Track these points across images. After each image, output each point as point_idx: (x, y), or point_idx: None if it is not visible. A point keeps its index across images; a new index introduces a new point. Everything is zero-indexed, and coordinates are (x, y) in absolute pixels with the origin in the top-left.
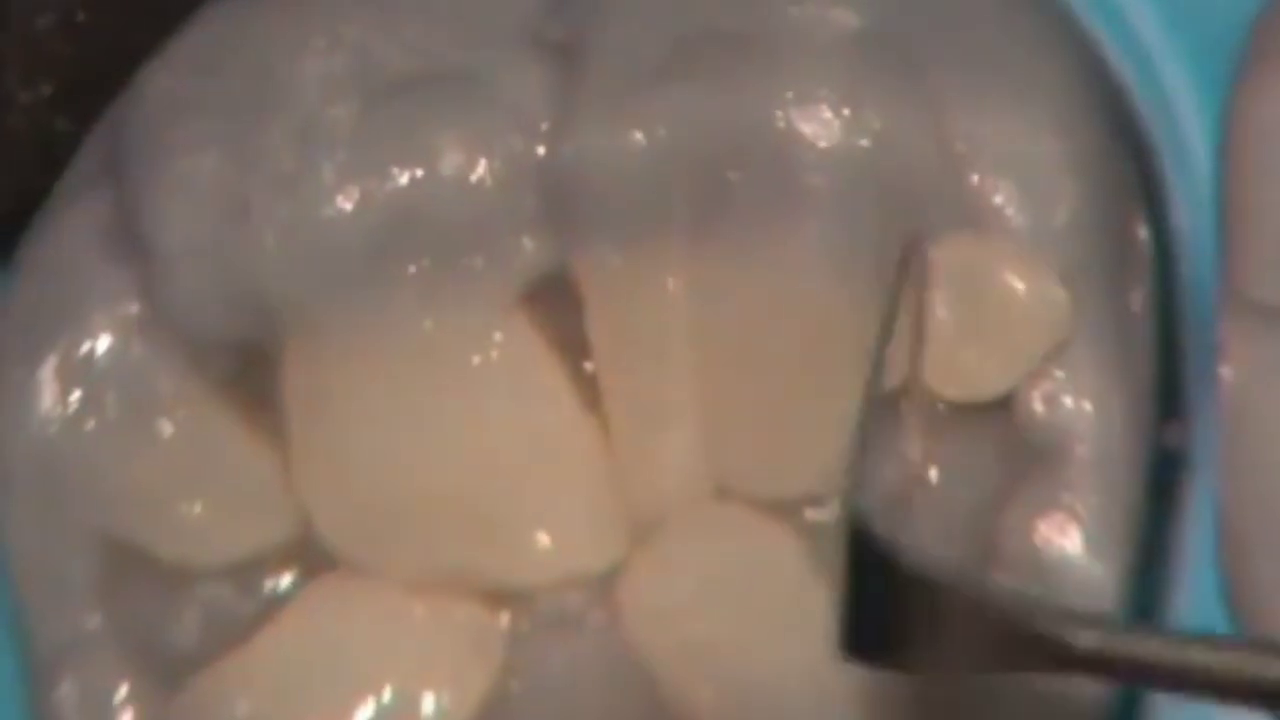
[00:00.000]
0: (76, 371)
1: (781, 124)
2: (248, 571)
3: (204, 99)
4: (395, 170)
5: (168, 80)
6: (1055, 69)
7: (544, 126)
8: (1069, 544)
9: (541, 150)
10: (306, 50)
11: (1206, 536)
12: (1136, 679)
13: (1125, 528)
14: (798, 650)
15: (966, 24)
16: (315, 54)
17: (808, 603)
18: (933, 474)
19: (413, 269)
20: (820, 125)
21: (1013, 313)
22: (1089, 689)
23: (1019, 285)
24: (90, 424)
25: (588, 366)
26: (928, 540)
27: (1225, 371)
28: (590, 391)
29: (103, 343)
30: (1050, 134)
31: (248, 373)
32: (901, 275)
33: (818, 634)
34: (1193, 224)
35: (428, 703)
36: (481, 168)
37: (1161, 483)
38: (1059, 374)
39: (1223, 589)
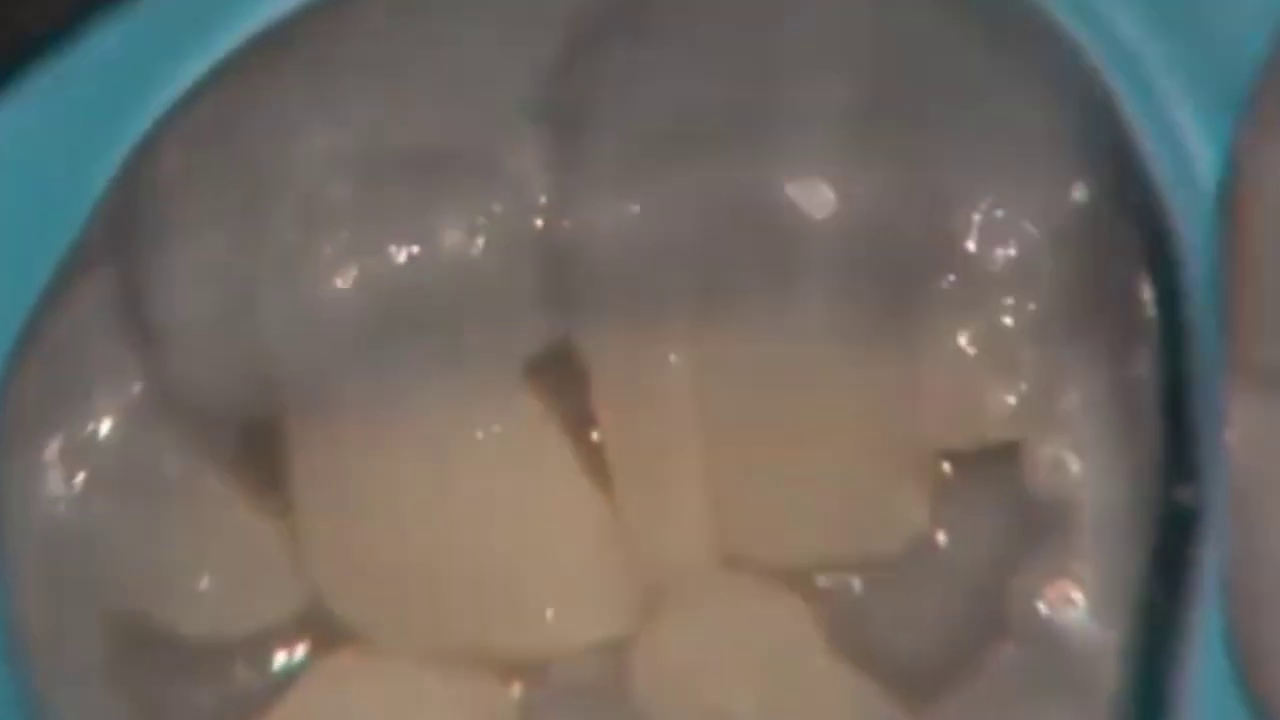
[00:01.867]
0: (82, 452)
1: (779, 197)
2: (259, 647)
3: (208, 176)
4: (394, 248)
5: (173, 156)
6: (1058, 132)
7: (542, 201)
8: (1074, 610)
9: (540, 224)
10: (309, 127)
11: (1217, 606)
12: None
13: (1131, 592)
14: (822, 713)
15: (968, 85)
16: (317, 131)
17: (820, 670)
18: (940, 537)
19: (415, 346)
20: (817, 198)
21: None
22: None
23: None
24: (97, 504)
25: (594, 437)
26: (935, 605)
27: (1230, 435)
28: (597, 462)
29: (107, 423)
30: (1048, 196)
31: (254, 450)
32: None
33: (831, 702)
34: (1201, 282)
35: None
36: (480, 244)
37: (1174, 543)
38: (1063, 439)
39: (1230, 649)
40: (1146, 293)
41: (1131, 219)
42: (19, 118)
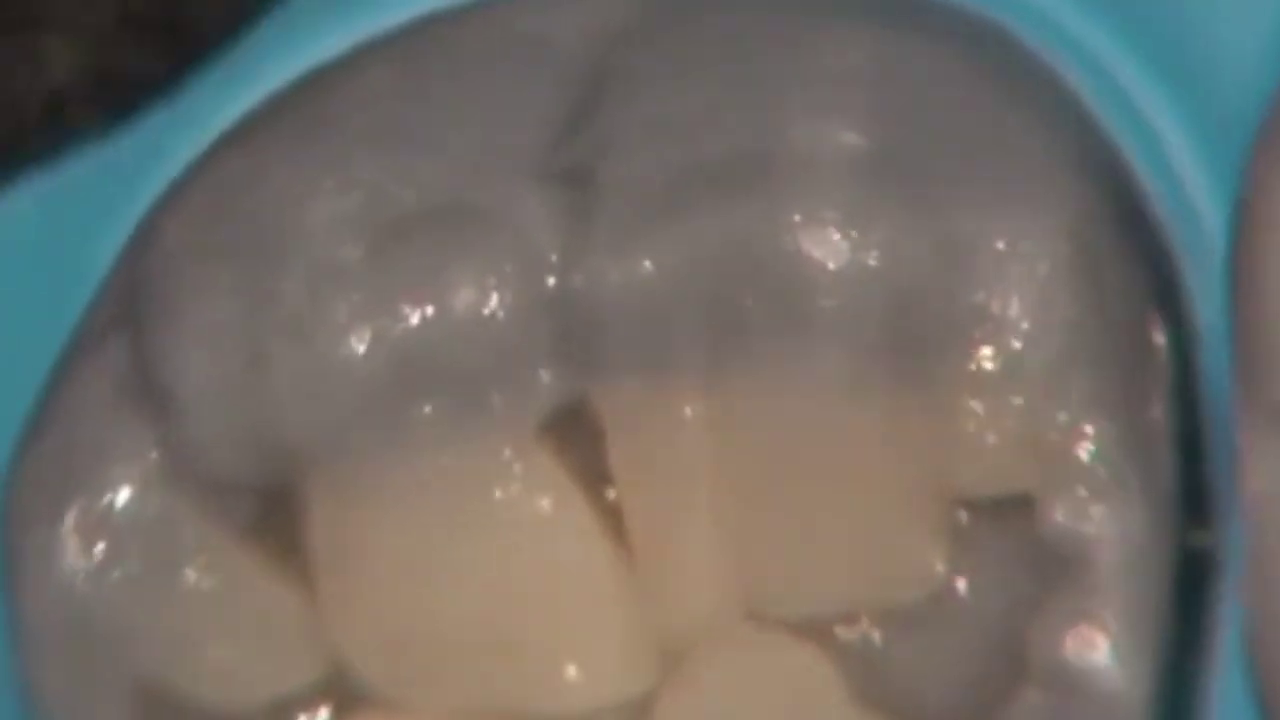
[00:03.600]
0: (99, 524)
1: (790, 247)
2: (280, 712)
3: (218, 244)
4: (407, 309)
5: (182, 225)
6: (1065, 172)
7: (554, 258)
8: (1097, 655)
9: (552, 282)
10: (317, 191)
11: (1238, 636)
12: None
13: (1153, 635)
14: None
15: (974, 131)
16: (326, 195)
17: None
18: (960, 585)
19: (430, 407)
20: (828, 247)
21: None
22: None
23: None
24: (115, 575)
25: (610, 495)
26: (957, 653)
27: (1247, 481)
28: (614, 520)
29: (124, 494)
30: (1058, 241)
31: (271, 516)
32: None
33: None
34: (1215, 323)
35: None
36: (494, 302)
37: (1191, 585)
38: (1081, 482)
39: (1253, 691)
40: (1159, 336)
41: (1140, 260)
42: (16, 205)
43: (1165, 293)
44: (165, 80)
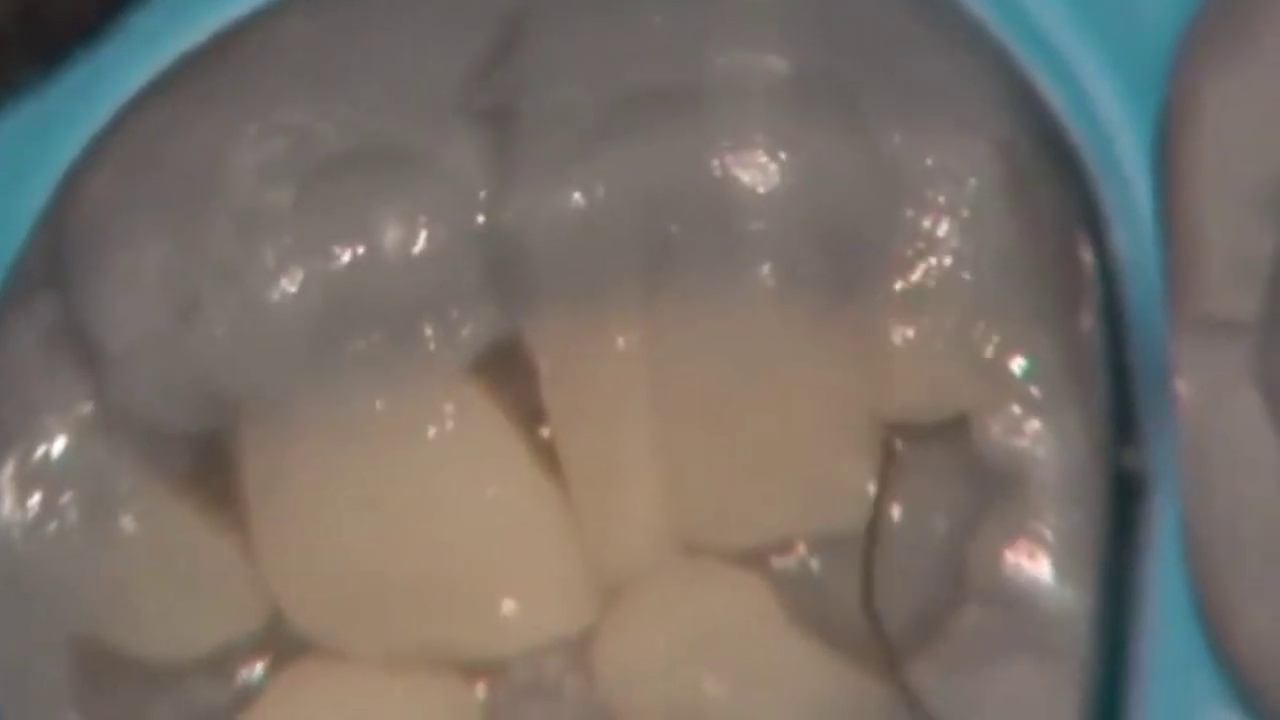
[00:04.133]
0: (34, 476)
1: (718, 173)
2: (221, 663)
3: (144, 193)
4: (336, 249)
5: (106, 177)
6: (990, 94)
7: (482, 195)
8: (1039, 570)
9: (481, 218)
10: (242, 137)
11: (1171, 555)
12: None
13: (1092, 550)
14: (777, 701)
15: (898, 56)
16: (250, 140)
17: (784, 653)
18: (895, 512)
19: (362, 346)
20: (757, 171)
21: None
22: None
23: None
24: (51, 527)
25: (545, 433)
26: (895, 577)
27: (1181, 387)
28: (549, 457)
29: (58, 445)
30: (986, 159)
31: (207, 465)
32: None
33: (796, 685)
34: (1134, 245)
35: None
36: (422, 240)
37: (1124, 505)
38: (1016, 401)
39: (1193, 604)
40: (1086, 255)
41: (1063, 182)
42: None
43: (1088, 215)
44: (94, 26)
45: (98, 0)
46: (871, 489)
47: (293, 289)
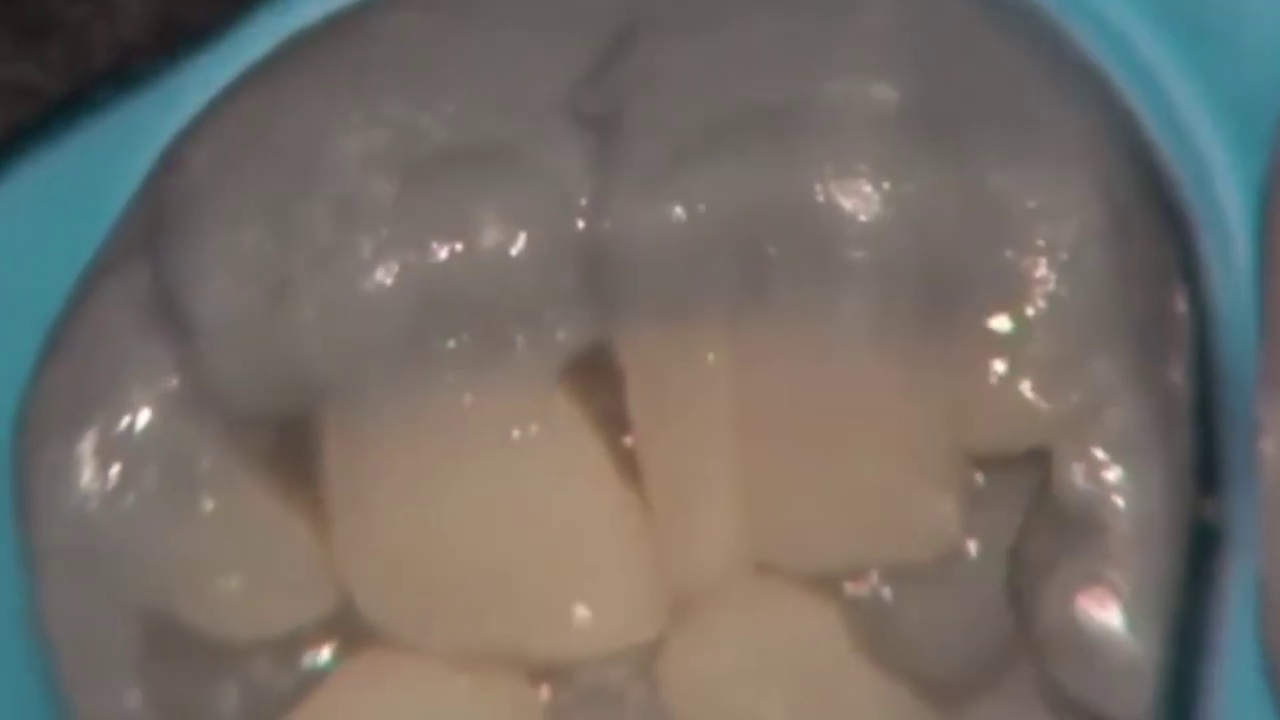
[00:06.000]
0: (115, 447)
1: (821, 198)
2: (287, 646)
3: (245, 172)
4: (434, 245)
5: (207, 151)
6: (1095, 136)
7: (583, 201)
8: (1109, 618)
9: (581, 224)
10: (346, 124)
11: (1245, 611)
12: None
13: (1165, 602)
14: (852, 717)
15: (1008, 90)
16: (355, 128)
17: (846, 680)
18: (971, 547)
19: (452, 344)
20: (859, 199)
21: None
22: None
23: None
24: (129, 499)
25: (627, 441)
26: (965, 612)
27: (1266, 446)
28: (630, 466)
29: (142, 417)
30: (1088, 203)
31: (287, 447)
32: None
33: (860, 706)
34: (1230, 298)
35: None
36: (520, 242)
37: (1200, 558)
38: (1100, 445)
39: (1264, 665)
40: (1181, 306)
41: (1163, 230)
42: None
43: (1187, 264)
44: (225, 29)
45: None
46: (954, 524)
47: (387, 281)
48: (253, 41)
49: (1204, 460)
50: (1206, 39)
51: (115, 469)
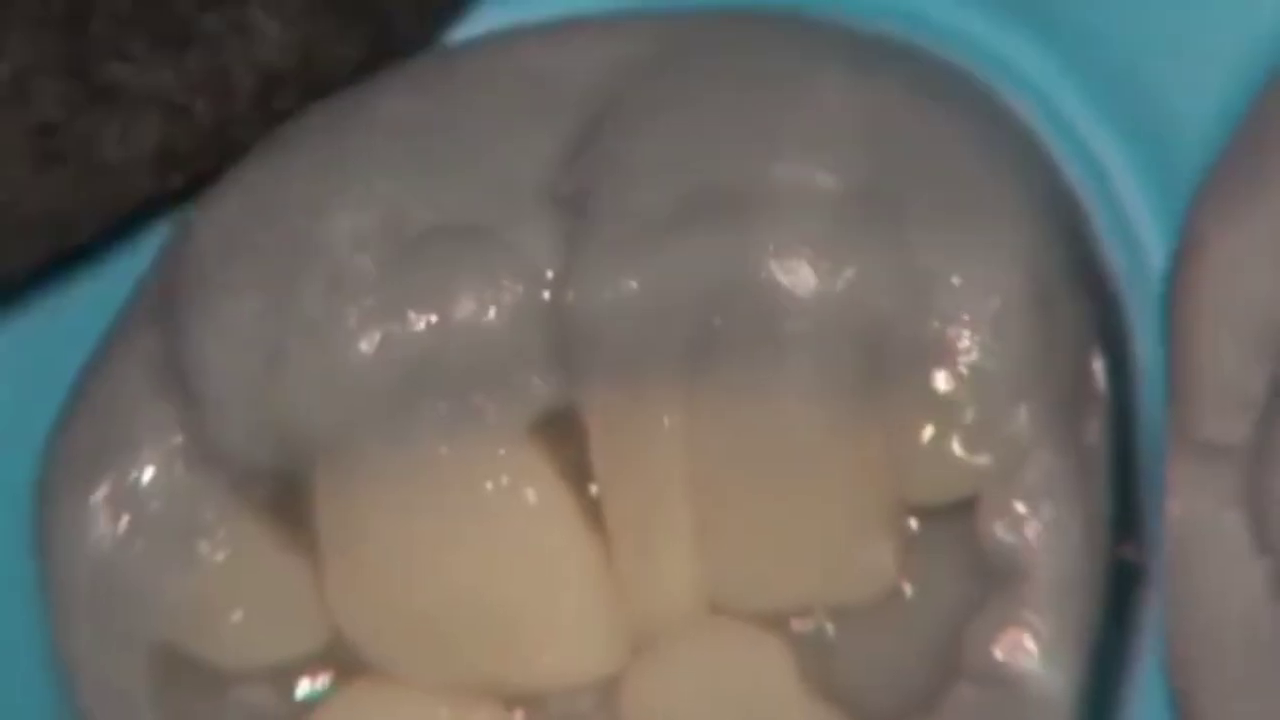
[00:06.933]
0: (126, 498)
1: (764, 276)
2: (285, 675)
3: (243, 251)
4: (413, 316)
5: (214, 227)
6: (1025, 213)
7: (549, 274)
8: (1027, 658)
9: (547, 296)
10: (341, 202)
11: (1157, 656)
12: None
13: (1080, 643)
14: None
15: (944, 171)
16: (348, 207)
17: (794, 708)
18: (907, 587)
19: (431, 405)
20: (799, 277)
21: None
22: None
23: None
24: (139, 545)
25: (592, 490)
26: (900, 649)
27: (1171, 505)
28: (594, 514)
29: (149, 472)
30: (1012, 278)
31: (284, 497)
32: None
33: None
34: (1153, 354)
35: None
36: (492, 313)
37: (1120, 597)
38: (1021, 497)
39: (1171, 704)
40: (1099, 366)
41: (1087, 296)
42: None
43: (1108, 326)
44: (361, 70)
45: (369, 43)
46: (891, 567)
47: (370, 350)
48: None
49: (1125, 507)
50: (1140, 113)
51: (126, 518)
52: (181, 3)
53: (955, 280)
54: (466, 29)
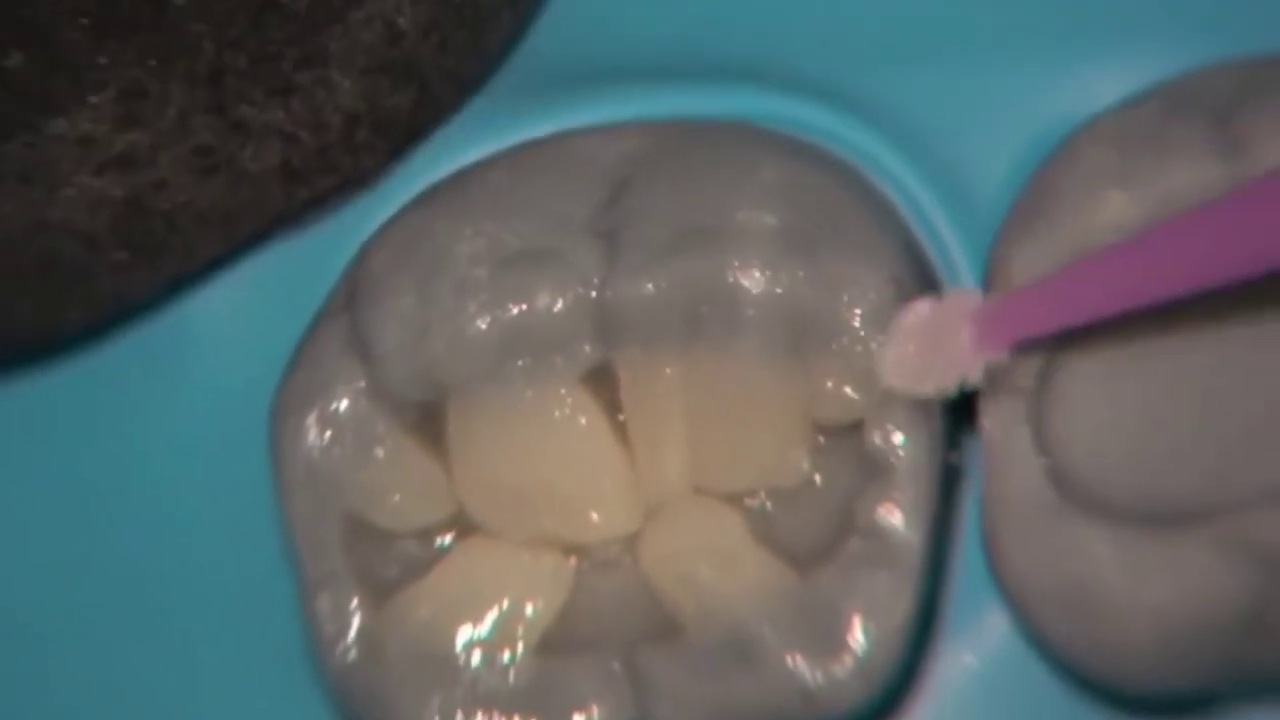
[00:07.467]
0: (328, 420)
1: (730, 280)
2: (427, 534)
3: (403, 264)
4: (510, 305)
5: (382, 253)
6: (887, 243)
7: (595, 280)
8: (895, 520)
9: (594, 294)
10: (461, 237)
11: (973, 514)
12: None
13: (928, 510)
14: (740, 583)
15: (838, 220)
16: (465, 238)
17: (748, 556)
18: (817, 479)
19: (520, 363)
20: (752, 281)
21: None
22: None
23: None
24: (335, 450)
25: (621, 418)
26: (815, 517)
27: (984, 424)
28: (623, 432)
29: (344, 404)
30: (881, 283)
31: (427, 420)
32: None
33: (753, 575)
34: None
35: (529, 608)
36: (559, 305)
37: (948, 486)
38: (890, 421)
39: (983, 547)
40: None
41: (925, 291)
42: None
43: None
44: (411, 116)
45: (413, 101)
46: (805, 465)
47: (483, 327)
48: (409, 184)
49: (954, 427)
50: (957, 185)
51: (328, 433)
52: (284, 64)
53: (850, 287)
54: (485, 98)
